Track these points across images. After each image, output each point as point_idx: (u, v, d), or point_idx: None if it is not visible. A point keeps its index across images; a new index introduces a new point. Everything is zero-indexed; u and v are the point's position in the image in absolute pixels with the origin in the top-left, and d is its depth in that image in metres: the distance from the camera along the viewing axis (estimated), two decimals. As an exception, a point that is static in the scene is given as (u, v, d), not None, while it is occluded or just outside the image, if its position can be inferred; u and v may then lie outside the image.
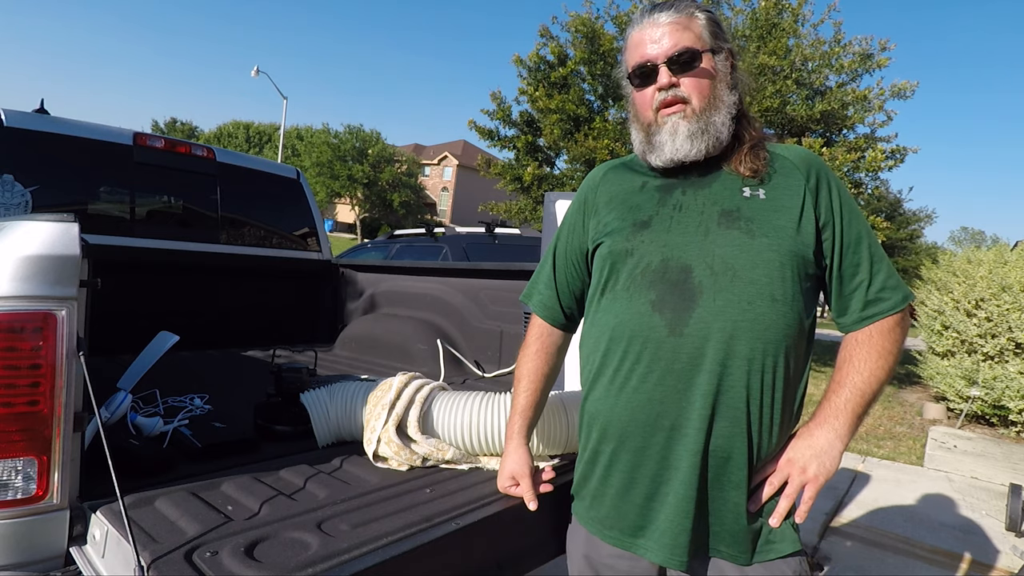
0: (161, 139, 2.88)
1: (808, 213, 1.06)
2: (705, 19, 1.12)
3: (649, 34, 1.10)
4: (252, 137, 49.15)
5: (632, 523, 1.08)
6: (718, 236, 1.04)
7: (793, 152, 1.13)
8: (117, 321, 2.12)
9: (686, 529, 1.01)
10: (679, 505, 1.02)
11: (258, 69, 22.83)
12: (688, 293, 1.02)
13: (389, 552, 1.01)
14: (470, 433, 1.43)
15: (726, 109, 1.10)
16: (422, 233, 6.13)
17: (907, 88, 8.29)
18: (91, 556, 1.08)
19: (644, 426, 1.04)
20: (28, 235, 1.05)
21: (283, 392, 1.66)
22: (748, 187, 1.08)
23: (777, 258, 1.02)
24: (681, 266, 1.04)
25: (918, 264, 11.57)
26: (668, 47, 1.08)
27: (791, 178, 1.09)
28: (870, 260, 1.07)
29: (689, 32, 1.09)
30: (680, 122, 1.09)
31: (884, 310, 1.06)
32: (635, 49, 1.13)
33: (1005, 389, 5.89)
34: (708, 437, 1.00)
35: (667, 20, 1.09)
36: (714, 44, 1.11)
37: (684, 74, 1.09)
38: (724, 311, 1.00)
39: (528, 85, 9.85)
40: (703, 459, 1.00)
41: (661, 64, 1.09)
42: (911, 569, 2.99)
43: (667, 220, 1.09)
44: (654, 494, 1.05)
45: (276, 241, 3.32)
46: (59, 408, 1.06)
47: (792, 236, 1.03)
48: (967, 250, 7.88)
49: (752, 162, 1.09)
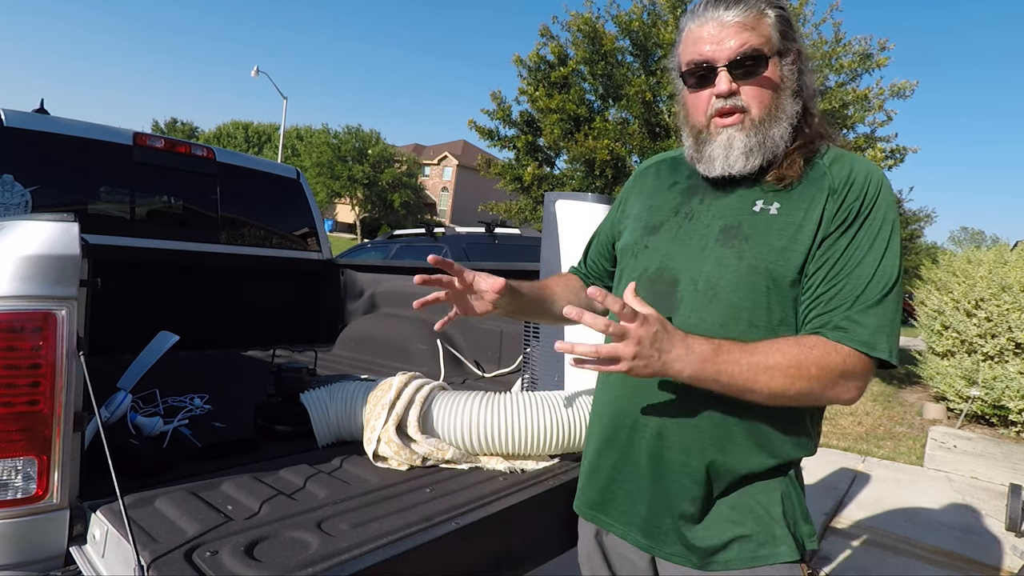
0: (161, 139, 2.88)
1: (824, 229, 0.94)
2: (775, 17, 0.99)
3: (710, 31, 0.98)
4: (252, 137, 49.12)
5: (593, 500, 1.14)
6: (711, 253, 1.01)
7: (842, 160, 1.00)
8: (117, 321, 2.12)
9: (641, 515, 1.05)
10: (634, 493, 1.06)
11: (258, 69, 22.83)
12: (670, 305, 1.01)
13: (389, 552, 1.01)
14: (470, 433, 1.43)
15: (787, 121, 1.00)
16: (422, 233, 6.13)
17: (907, 87, 8.31)
18: (91, 556, 1.08)
19: (612, 419, 1.10)
20: (28, 235, 1.05)
21: (283, 392, 1.66)
22: (763, 200, 1.00)
23: (763, 283, 0.95)
24: (671, 278, 1.03)
25: (918, 264, 11.56)
26: (732, 49, 0.97)
27: (814, 188, 0.98)
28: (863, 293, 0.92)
29: (756, 33, 0.97)
30: (736, 135, 0.99)
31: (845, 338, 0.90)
32: (692, 45, 1.01)
33: (1005, 389, 5.89)
34: (662, 446, 1.02)
35: (733, 19, 0.97)
36: (782, 46, 1.00)
37: (746, 81, 0.98)
38: (695, 329, 0.95)
39: (528, 85, 9.86)
40: (658, 462, 1.02)
41: (721, 68, 0.97)
42: (911, 569, 2.99)
43: (674, 229, 1.07)
44: (614, 478, 1.10)
45: (276, 241, 3.32)
46: (59, 408, 1.06)
47: (790, 259, 0.94)
48: (967, 250, 7.88)
49: (783, 168, 1.00)
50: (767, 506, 1.01)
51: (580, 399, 1.49)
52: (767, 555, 0.99)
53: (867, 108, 8.42)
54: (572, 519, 1.26)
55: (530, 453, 1.46)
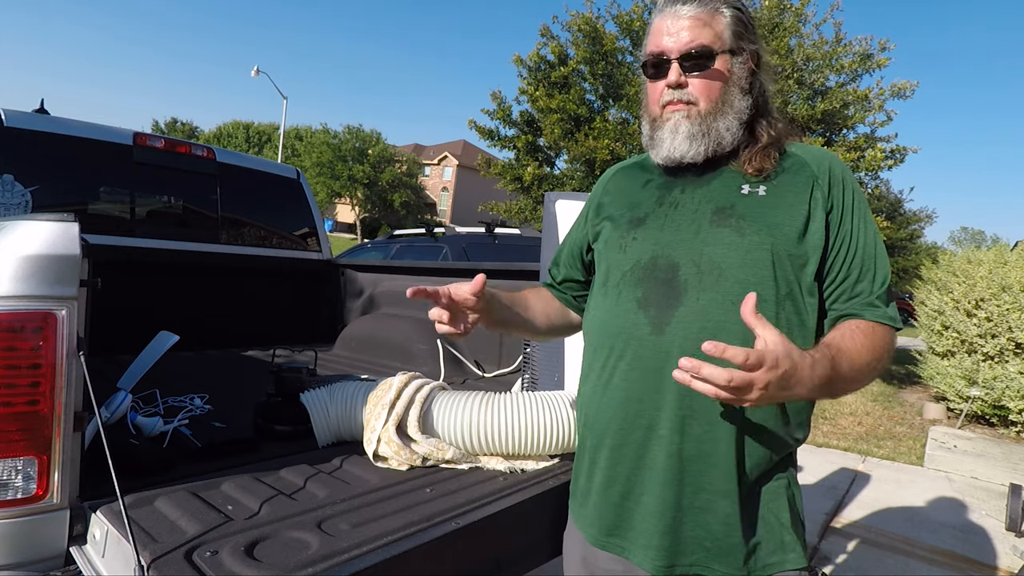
0: (161, 139, 2.88)
1: (817, 212, 1.01)
2: (731, 16, 1.06)
3: (668, 25, 1.05)
4: (252, 137, 49.12)
5: (609, 522, 1.07)
6: (708, 234, 1.02)
7: (809, 151, 1.09)
8: (117, 321, 2.12)
9: (660, 531, 0.99)
10: (654, 506, 1.00)
11: (258, 69, 22.83)
12: (673, 291, 1.00)
13: (389, 552, 1.01)
14: (470, 433, 1.43)
15: (734, 114, 1.06)
16: (422, 233, 6.13)
17: (907, 88, 8.30)
18: (91, 556, 1.08)
19: (623, 423, 1.04)
20: (28, 235, 1.05)
21: (283, 392, 1.66)
22: (748, 184, 1.05)
23: (768, 257, 0.98)
24: (669, 264, 1.03)
25: (918, 264, 11.57)
26: (683, 43, 1.04)
27: (799, 175, 1.04)
28: (873, 270, 1.03)
29: (709, 29, 1.04)
30: (682, 121, 1.05)
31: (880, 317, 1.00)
32: (653, 38, 1.08)
33: (1005, 389, 5.89)
34: (683, 439, 0.98)
35: (689, 13, 1.04)
36: (734, 44, 1.06)
37: (695, 74, 1.04)
38: (707, 310, 0.97)
39: (528, 85, 9.85)
40: (679, 461, 0.98)
41: (674, 60, 1.04)
42: (911, 569, 2.99)
43: (661, 218, 1.08)
44: (628, 493, 1.04)
45: (276, 241, 3.32)
46: (59, 408, 1.06)
47: (788, 234, 0.99)
48: (967, 250, 7.88)
49: (759, 161, 1.05)
50: (776, 512, 1.01)
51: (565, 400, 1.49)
52: (777, 563, 1.00)
53: (867, 108, 8.42)
54: (572, 519, 1.26)
55: (530, 453, 1.46)
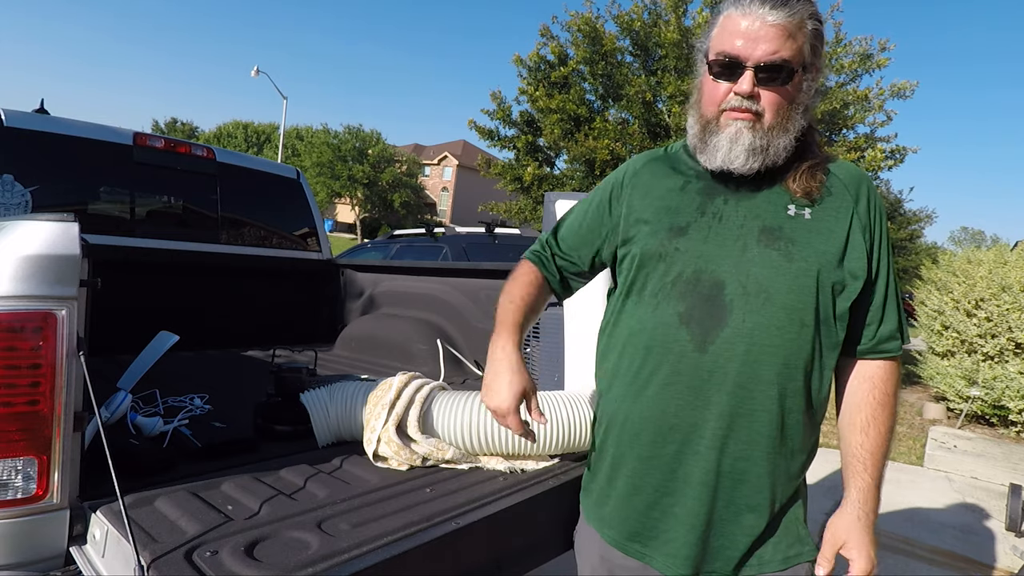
0: (161, 139, 2.88)
1: (856, 238, 1.01)
2: (812, 30, 0.99)
3: (749, 27, 0.96)
4: (251, 137, 49.10)
5: (632, 528, 1.08)
6: (756, 254, 0.99)
7: (843, 169, 1.07)
8: (117, 321, 2.12)
9: (691, 543, 1.01)
10: (685, 518, 1.01)
11: (258, 69, 22.83)
12: (718, 310, 0.98)
13: (389, 552, 1.01)
14: (470, 433, 1.43)
15: (794, 133, 1.02)
16: (422, 233, 6.12)
17: (907, 88, 8.30)
18: (91, 556, 1.08)
19: (655, 435, 1.03)
20: (28, 235, 1.04)
21: (283, 392, 1.66)
22: (795, 206, 1.02)
23: (813, 284, 0.98)
24: (714, 280, 1.00)
25: (918, 264, 11.56)
26: (764, 53, 0.95)
27: (839, 200, 1.03)
28: (886, 299, 1.05)
29: (793, 42, 0.96)
30: (745, 131, 0.99)
31: (889, 351, 1.05)
32: (727, 35, 0.99)
33: (1005, 389, 5.89)
34: (721, 456, 0.99)
35: (775, 20, 0.95)
36: (809, 61, 1.00)
37: (768, 87, 0.98)
38: (753, 334, 0.96)
39: (528, 85, 9.85)
40: (715, 477, 0.99)
41: (749, 68, 0.97)
42: (911, 569, 2.99)
43: (705, 229, 1.03)
44: (656, 503, 1.05)
45: (276, 241, 3.32)
46: (59, 408, 1.05)
47: (832, 263, 0.99)
48: (967, 250, 7.88)
49: (807, 182, 1.02)
50: (793, 509, 1.05)
51: (580, 399, 1.49)
52: (796, 555, 1.04)
53: (867, 108, 8.42)
54: (572, 519, 1.26)
55: (530, 453, 1.46)
